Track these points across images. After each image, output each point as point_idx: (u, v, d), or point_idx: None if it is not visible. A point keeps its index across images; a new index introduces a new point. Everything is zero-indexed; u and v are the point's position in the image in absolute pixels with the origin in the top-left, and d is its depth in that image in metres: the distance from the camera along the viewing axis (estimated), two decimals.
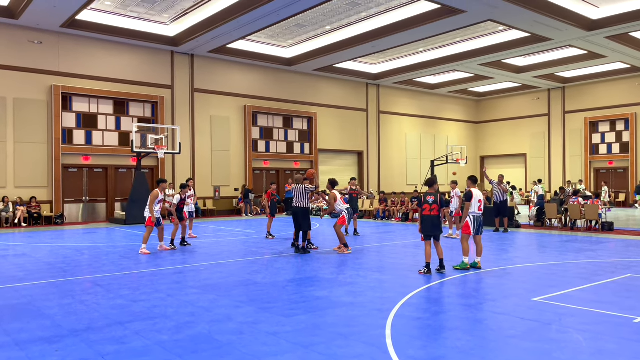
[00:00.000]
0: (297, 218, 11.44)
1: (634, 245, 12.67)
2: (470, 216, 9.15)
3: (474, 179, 9.58)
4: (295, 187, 11.50)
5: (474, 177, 9.64)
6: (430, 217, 8.67)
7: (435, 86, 31.32)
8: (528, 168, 33.07)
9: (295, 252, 11.37)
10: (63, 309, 6.42)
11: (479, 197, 9.22)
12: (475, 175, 9.76)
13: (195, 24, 19.93)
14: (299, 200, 11.38)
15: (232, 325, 5.71)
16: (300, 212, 11.37)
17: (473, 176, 9.66)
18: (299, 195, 11.39)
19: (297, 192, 11.41)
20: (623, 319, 5.83)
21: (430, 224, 8.64)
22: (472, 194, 9.16)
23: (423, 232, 8.73)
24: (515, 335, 5.29)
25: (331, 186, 12.22)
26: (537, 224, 17.64)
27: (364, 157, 29.64)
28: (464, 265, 9.03)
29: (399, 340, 5.08)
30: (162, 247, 11.88)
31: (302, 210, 11.37)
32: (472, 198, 9.15)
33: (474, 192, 9.20)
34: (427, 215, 8.69)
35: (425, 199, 8.74)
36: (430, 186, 8.87)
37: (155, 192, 11.56)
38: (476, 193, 9.23)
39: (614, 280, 8.04)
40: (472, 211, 9.17)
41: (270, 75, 25.68)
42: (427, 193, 8.79)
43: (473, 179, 9.58)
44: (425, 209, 8.68)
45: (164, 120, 22.20)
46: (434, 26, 19.56)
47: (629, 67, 26.51)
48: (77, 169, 20.86)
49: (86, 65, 20.56)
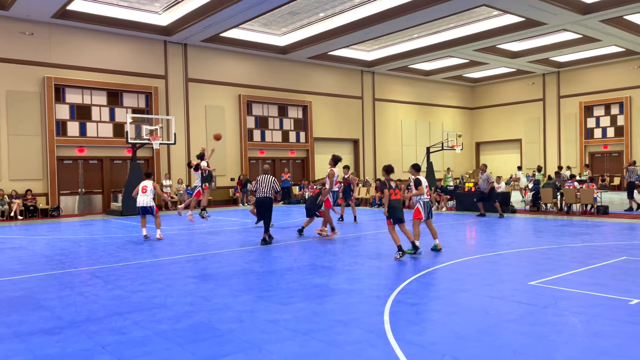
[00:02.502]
0: (261, 208, 11.29)
1: (629, 228, 12.78)
2: (421, 202, 9.53)
3: (417, 166, 9.95)
4: (262, 177, 11.15)
5: (417, 165, 9.99)
6: (398, 202, 9.10)
7: (430, 72, 31.24)
8: (523, 153, 33.15)
9: (262, 244, 11.00)
10: (62, 301, 6.44)
11: (425, 183, 9.68)
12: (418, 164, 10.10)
13: (188, 12, 19.74)
14: (265, 191, 11.06)
15: (232, 313, 5.75)
16: (265, 202, 11.18)
17: (417, 164, 10.02)
18: (265, 185, 11.04)
19: (264, 181, 11.07)
20: (618, 301, 5.89)
21: (398, 208, 9.06)
22: (421, 181, 9.60)
23: (392, 216, 9.01)
24: (512, 319, 5.34)
25: (333, 163, 12.44)
26: (533, 208, 17.74)
27: (359, 145, 29.63)
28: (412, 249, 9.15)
29: (397, 326, 5.12)
30: (161, 236, 12.28)
31: (267, 200, 11.17)
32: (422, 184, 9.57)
33: (422, 179, 9.67)
34: (394, 199, 9.04)
35: (389, 184, 9.07)
36: (389, 173, 9.25)
37: (154, 183, 12.38)
38: (424, 180, 9.71)
39: (609, 263, 8.11)
40: (422, 197, 9.53)
41: (265, 64, 25.54)
42: (389, 179, 9.14)
43: (416, 167, 9.94)
44: (392, 194, 9.02)
45: (158, 111, 22.08)
46: (428, 12, 19.46)
47: (623, 51, 26.49)
48: (72, 160, 20.77)
49: (78, 56, 20.38)
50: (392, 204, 9.02)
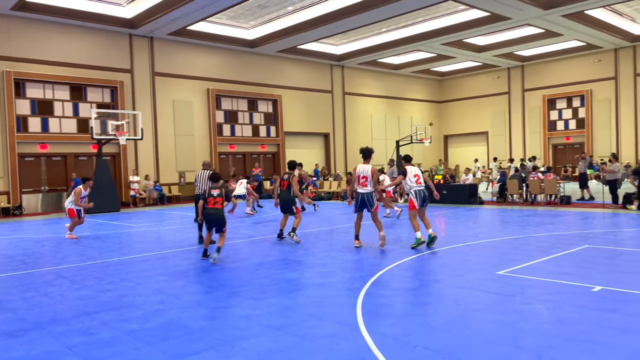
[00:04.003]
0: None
1: (590, 217, 13.21)
2: (412, 192, 9.42)
3: (407, 157, 10.12)
4: (201, 172, 10.46)
5: (407, 155, 10.18)
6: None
7: (398, 66, 31.49)
8: (490, 146, 33.83)
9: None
10: (26, 302, 6.24)
11: (414, 172, 9.61)
12: (408, 154, 10.30)
13: (154, 5, 19.30)
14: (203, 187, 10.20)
15: (203, 310, 5.68)
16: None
17: (407, 155, 10.21)
18: (202, 182, 10.29)
19: (202, 177, 10.32)
20: (582, 288, 6.09)
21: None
22: (406, 171, 9.62)
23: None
24: (481, 308, 5.45)
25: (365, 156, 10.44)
26: (500, 200, 18.14)
27: (330, 139, 29.67)
28: (418, 242, 9.11)
29: (369, 318, 5.16)
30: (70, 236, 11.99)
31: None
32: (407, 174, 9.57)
33: (409, 169, 9.64)
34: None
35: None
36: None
37: (78, 189, 12.06)
38: (411, 170, 9.64)
39: (572, 252, 8.37)
40: (413, 187, 9.44)
41: (233, 58, 25.25)
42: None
43: (407, 157, 10.12)
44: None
45: (124, 106, 21.56)
46: (396, 6, 19.57)
47: (584, 45, 27.27)
48: (34, 157, 20.11)
49: (39, 50, 19.69)
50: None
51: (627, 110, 27.94)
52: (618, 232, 10.63)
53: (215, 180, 8.96)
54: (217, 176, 9.01)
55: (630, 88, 27.69)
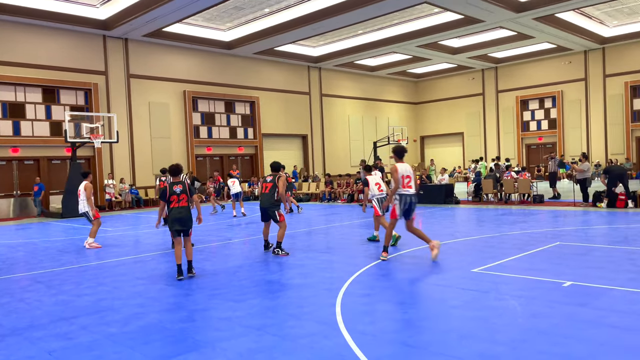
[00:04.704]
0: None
1: (562, 215, 13.57)
2: (375, 199, 9.74)
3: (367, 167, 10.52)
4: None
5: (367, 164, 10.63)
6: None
7: (375, 68, 31.76)
8: (465, 146, 34.36)
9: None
10: (2, 308, 6.14)
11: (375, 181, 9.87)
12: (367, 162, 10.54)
13: (128, 6, 19.09)
14: None
15: (183, 313, 5.68)
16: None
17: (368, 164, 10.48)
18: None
19: None
20: (554, 284, 6.28)
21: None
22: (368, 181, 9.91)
23: None
24: (458, 305, 5.58)
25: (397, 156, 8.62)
26: (475, 199, 18.46)
27: (308, 141, 29.73)
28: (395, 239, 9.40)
29: (348, 317, 5.24)
30: (94, 245, 10.79)
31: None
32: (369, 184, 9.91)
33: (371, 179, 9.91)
34: None
35: None
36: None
37: (90, 185, 10.95)
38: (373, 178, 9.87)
39: (545, 249, 8.60)
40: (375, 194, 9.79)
41: (210, 59, 25.12)
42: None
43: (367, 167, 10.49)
44: None
45: (99, 108, 21.25)
46: (372, 8, 19.77)
47: (555, 47, 27.95)
48: (5, 161, 19.68)
49: (10, 51, 19.27)
50: None
51: (596, 110, 28.73)
52: (588, 229, 10.96)
53: (175, 174, 7.66)
54: (177, 169, 7.67)
55: (600, 89, 28.48)
